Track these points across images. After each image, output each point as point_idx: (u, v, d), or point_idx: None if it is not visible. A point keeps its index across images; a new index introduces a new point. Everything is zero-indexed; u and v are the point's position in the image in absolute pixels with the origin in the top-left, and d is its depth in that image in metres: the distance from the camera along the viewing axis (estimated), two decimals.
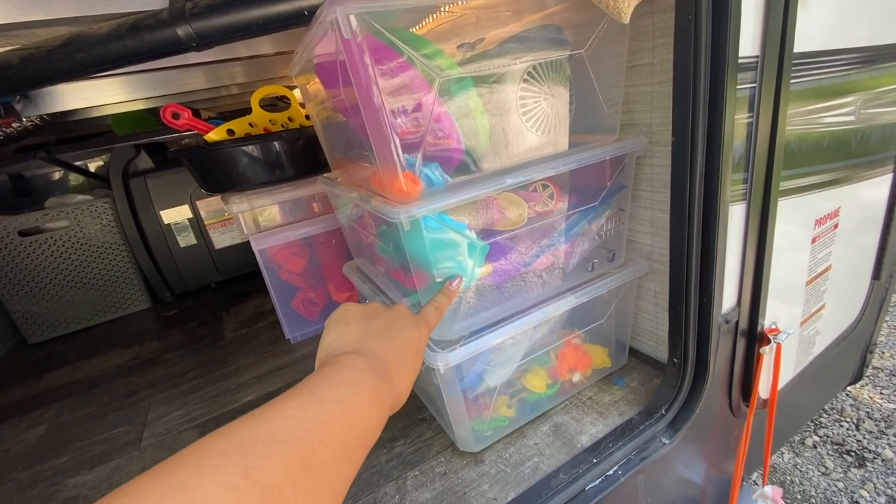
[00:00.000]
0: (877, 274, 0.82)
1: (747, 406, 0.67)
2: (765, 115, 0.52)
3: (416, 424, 0.71)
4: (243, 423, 0.26)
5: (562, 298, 0.62)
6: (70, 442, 0.84)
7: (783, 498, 0.85)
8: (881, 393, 1.47)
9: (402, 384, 0.36)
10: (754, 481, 1.18)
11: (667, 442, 0.60)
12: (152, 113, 1.49)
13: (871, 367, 1.56)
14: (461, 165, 0.56)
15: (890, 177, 0.76)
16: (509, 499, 0.55)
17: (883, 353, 1.63)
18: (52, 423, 0.92)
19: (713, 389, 0.63)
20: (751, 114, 0.51)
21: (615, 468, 0.57)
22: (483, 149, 0.57)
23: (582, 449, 0.61)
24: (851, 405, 1.43)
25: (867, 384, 1.51)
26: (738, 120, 0.50)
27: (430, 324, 0.44)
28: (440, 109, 0.52)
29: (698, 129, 0.50)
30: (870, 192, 0.74)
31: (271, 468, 0.23)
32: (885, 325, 1.75)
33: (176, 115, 0.83)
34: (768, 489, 0.79)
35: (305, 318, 1.06)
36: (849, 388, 1.48)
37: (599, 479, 0.56)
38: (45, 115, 1.36)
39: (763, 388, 0.68)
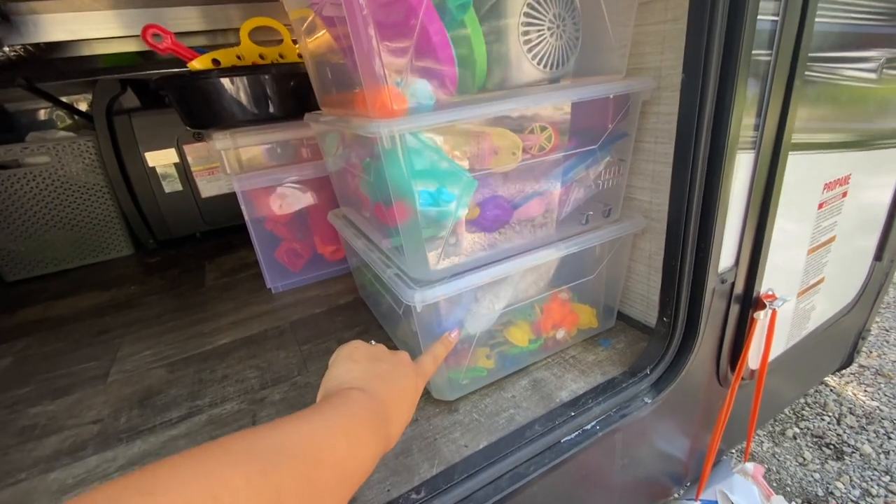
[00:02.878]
0: (879, 255, 0.80)
1: (734, 375, 0.65)
2: (784, 52, 0.48)
3: None
4: (258, 431, 0.27)
5: (551, 246, 0.58)
6: (35, 374, 0.82)
7: (764, 477, 0.84)
8: (865, 390, 1.46)
9: (396, 429, 0.38)
10: (734, 452, 1.17)
11: (649, 402, 0.58)
12: (144, 56, 1.43)
13: (858, 364, 1.55)
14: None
15: None
16: (481, 446, 0.53)
17: (871, 351, 1.62)
18: (18, 356, 0.89)
19: (702, 353, 0.60)
20: (770, 50, 0.47)
21: (593, 423, 0.55)
22: (479, 79, 0.53)
23: (560, 404, 0.58)
24: (835, 400, 1.42)
25: (852, 381, 1.51)
26: (755, 56, 0.46)
27: (426, 374, 0.46)
28: (434, 25, 0.48)
29: (711, 64, 0.46)
30: (883, 164, 0.71)
31: (283, 474, 0.25)
32: (874, 324, 1.74)
33: (158, 37, 0.78)
34: (749, 465, 0.77)
35: (288, 269, 1.03)
36: (833, 384, 1.48)
37: (576, 433, 0.54)
38: (29, 45, 1.29)
39: (753, 359, 0.66)
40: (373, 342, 0.46)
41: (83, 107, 1.57)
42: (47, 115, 1.69)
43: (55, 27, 1.20)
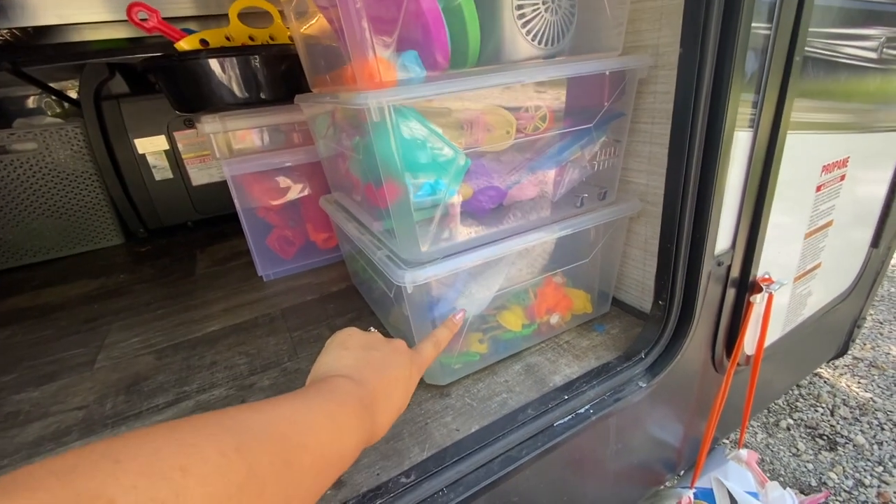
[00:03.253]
0: (876, 241, 0.79)
1: (730, 361, 0.64)
2: (784, 26, 0.46)
3: None
4: (240, 409, 0.27)
5: (545, 228, 0.57)
6: (20, 361, 0.80)
7: (758, 463, 0.83)
8: (859, 382, 1.46)
9: (383, 420, 0.37)
10: (726, 442, 1.17)
11: (643, 386, 0.57)
12: (134, 42, 1.40)
13: (852, 356, 1.55)
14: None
15: None
16: (472, 430, 0.52)
17: (865, 344, 1.62)
18: (3, 343, 0.87)
19: (698, 337, 0.60)
20: (769, 24, 0.46)
21: (587, 407, 0.54)
22: (473, 55, 0.52)
23: (554, 388, 0.57)
24: (829, 392, 1.43)
25: (846, 373, 1.51)
26: (754, 29, 0.45)
27: (424, 361, 0.45)
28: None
29: (709, 37, 0.45)
30: (881, 148, 0.70)
31: (259, 453, 0.24)
32: (869, 317, 1.74)
33: (144, 17, 0.76)
34: (743, 452, 0.77)
35: (280, 257, 1.01)
36: (827, 376, 1.48)
37: (569, 417, 0.53)
38: (16, 30, 1.26)
39: (749, 344, 0.65)
40: (372, 329, 0.45)
41: (73, 94, 1.55)
42: (36, 102, 1.66)
43: (44, 11, 1.17)
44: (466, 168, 0.53)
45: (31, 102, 1.67)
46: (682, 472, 0.80)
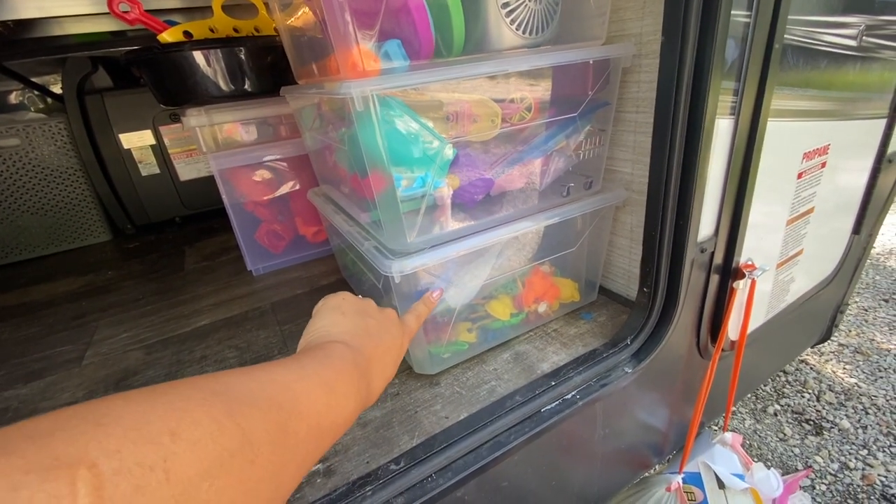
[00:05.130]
0: (857, 228, 0.80)
1: (715, 347, 0.65)
2: (764, 13, 0.47)
3: None
4: (231, 374, 0.26)
5: (531, 218, 0.58)
6: (7, 359, 0.79)
7: (745, 447, 0.85)
8: (844, 368, 1.49)
9: (377, 386, 0.37)
10: (715, 428, 1.20)
11: (629, 371, 0.58)
12: (117, 35, 1.38)
13: (837, 343, 1.58)
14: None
15: (883, 123, 0.72)
16: (461, 417, 0.53)
17: (850, 330, 1.66)
18: None
19: (682, 323, 0.60)
20: (749, 11, 0.47)
21: (574, 392, 0.55)
22: (457, 45, 0.52)
23: (541, 374, 0.58)
24: (815, 378, 1.46)
25: (832, 359, 1.54)
26: (734, 17, 0.46)
27: (411, 333, 0.46)
28: None
29: (690, 26, 0.46)
30: (861, 136, 0.71)
31: (253, 419, 0.23)
32: (854, 304, 1.77)
33: (125, 9, 0.75)
34: (728, 435, 0.78)
35: (269, 251, 1.01)
36: (813, 362, 1.51)
37: (556, 402, 0.54)
38: None
39: (732, 330, 0.66)
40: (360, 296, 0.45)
41: (56, 89, 1.52)
42: (18, 97, 1.63)
43: (24, 4, 1.15)
44: (452, 158, 0.53)
45: (13, 98, 1.64)
46: (668, 458, 0.82)
